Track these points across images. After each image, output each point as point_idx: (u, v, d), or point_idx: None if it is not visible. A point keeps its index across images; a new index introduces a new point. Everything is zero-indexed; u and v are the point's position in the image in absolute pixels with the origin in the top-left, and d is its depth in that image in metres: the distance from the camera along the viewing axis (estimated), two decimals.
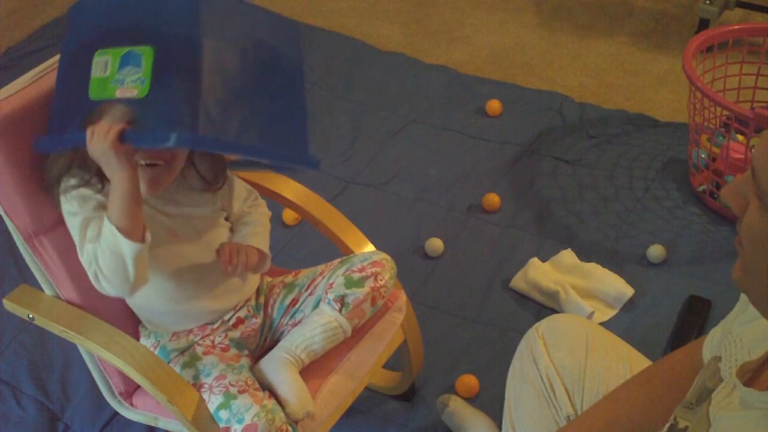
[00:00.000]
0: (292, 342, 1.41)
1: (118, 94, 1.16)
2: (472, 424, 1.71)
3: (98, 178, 1.29)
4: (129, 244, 1.22)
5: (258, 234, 1.46)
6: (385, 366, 1.61)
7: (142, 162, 1.26)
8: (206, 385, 1.36)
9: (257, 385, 1.36)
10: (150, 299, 1.39)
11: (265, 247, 1.45)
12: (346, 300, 1.44)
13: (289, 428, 1.32)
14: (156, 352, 1.42)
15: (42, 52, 2.88)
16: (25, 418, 1.81)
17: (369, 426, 1.80)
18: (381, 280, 1.47)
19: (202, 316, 1.43)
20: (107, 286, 1.27)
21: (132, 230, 1.23)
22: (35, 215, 1.36)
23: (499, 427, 1.44)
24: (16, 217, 1.36)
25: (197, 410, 1.30)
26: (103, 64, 1.18)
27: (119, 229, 1.22)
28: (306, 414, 1.36)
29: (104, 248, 1.24)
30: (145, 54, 1.15)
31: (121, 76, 1.16)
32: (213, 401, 1.33)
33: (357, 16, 3.20)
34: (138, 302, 1.43)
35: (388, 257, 1.51)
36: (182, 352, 1.42)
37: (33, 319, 1.42)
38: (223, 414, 1.31)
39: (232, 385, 1.34)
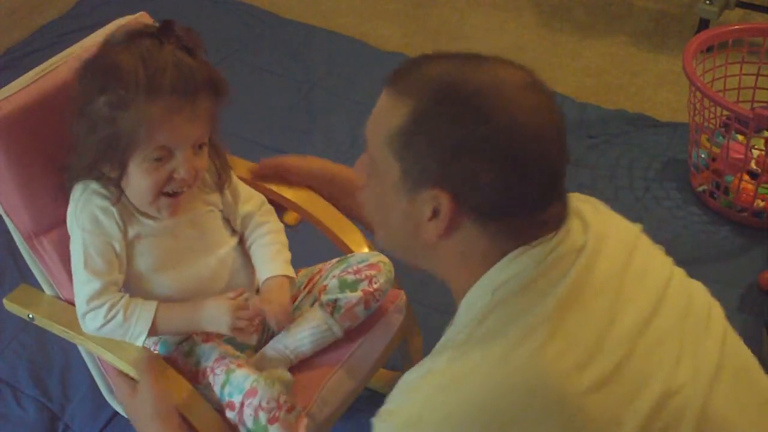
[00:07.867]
0: (282, 342, 1.42)
1: None
2: None
3: (117, 187, 1.29)
4: (144, 335, 1.33)
5: (280, 252, 1.46)
6: (385, 366, 1.61)
7: (169, 191, 1.29)
8: (208, 369, 1.35)
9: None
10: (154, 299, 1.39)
11: (289, 269, 1.45)
12: (338, 303, 1.44)
13: (287, 399, 1.31)
14: (158, 348, 1.42)
15: (42, 52, 2.87)
16: (25, 418, 1.81)
17: (369, 426, 1.79)
18: (375, 284, 1.46)
19: None
20: (97, 328, 1.32)
21: (157, 333, 1.35)
22: (35, 215, 1.36)
23: None
24: (16, 217, 1.36)
25: (196, 410, 1.30)
26: None
27: (150, 328, 1.32)
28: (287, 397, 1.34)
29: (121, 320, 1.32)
30: None
31: None
32: (217, 382, 1.33)
33: (357, 16, 3.19)
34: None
35: (386, 260, 1.50)
36: (181, 342, 1.42)
37: (33, 319, 1.42)
38: (227, 390, 1.31)
39: (231, 363, 1.34)
